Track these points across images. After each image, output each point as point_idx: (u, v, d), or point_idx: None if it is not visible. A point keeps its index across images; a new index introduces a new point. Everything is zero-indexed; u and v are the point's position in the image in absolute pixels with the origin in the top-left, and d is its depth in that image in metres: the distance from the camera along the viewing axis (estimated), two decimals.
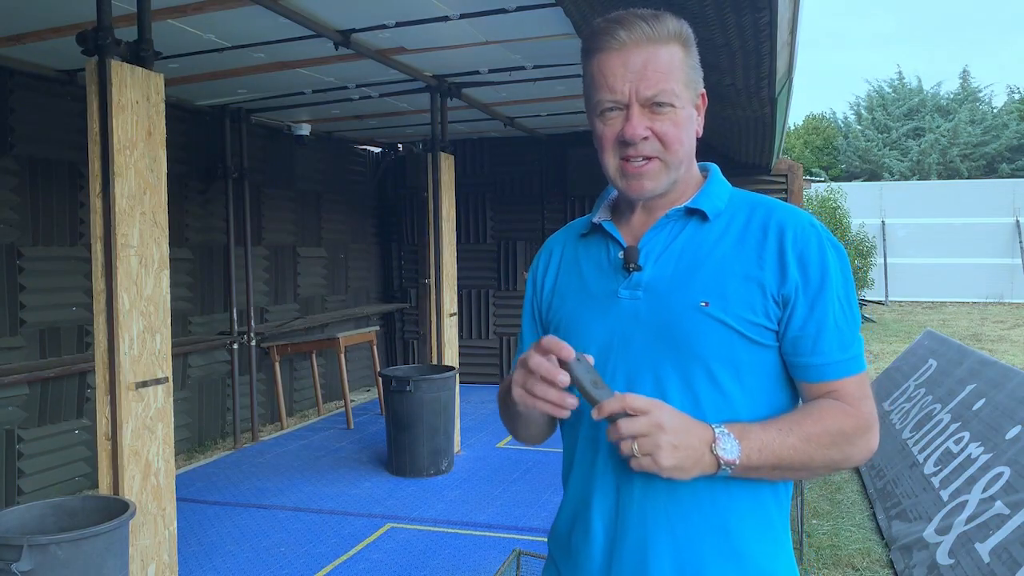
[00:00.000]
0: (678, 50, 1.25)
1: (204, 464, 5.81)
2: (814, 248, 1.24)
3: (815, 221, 1.28)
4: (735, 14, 3.19)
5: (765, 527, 1.26)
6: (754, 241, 1.25)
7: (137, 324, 3.03)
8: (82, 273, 5.20)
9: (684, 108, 1.25)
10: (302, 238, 7.71)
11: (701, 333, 1.22)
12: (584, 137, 8.23)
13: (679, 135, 1.25)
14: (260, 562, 4.01)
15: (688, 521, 1.22)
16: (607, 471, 1.27)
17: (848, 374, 1.25)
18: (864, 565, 3.94)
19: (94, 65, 2.96)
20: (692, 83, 1.27)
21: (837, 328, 1.23)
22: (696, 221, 1.29)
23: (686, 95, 1.25)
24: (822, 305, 1.23)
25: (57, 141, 5.14)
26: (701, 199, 1.30)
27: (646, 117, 1.23)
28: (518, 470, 5.51)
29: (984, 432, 4.40)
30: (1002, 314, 15.86)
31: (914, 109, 26.17)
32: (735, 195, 1.33)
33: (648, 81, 1.22)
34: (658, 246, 1.29)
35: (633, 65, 1.22)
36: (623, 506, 1.25)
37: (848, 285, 1.27)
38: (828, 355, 1.24)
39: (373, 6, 3.99)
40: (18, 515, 2.83)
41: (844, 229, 14.86)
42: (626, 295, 1.28)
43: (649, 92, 1.22)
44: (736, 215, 1.29)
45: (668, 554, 1.22)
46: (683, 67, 1.25)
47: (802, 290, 1.23)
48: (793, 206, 1.31)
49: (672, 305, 1.24)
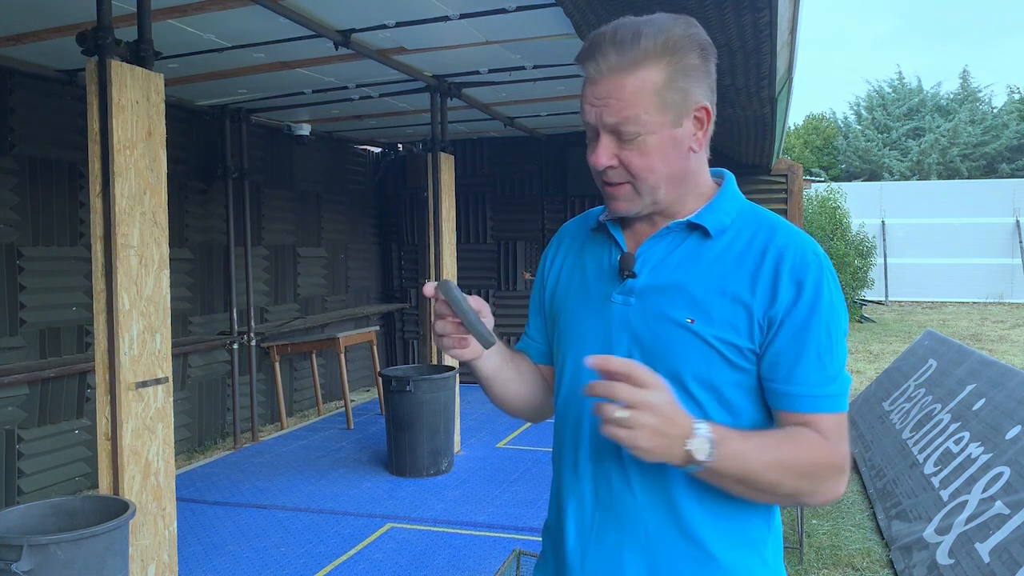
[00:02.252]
0: (656, 71, 1.19)
1: (204, 464, 5.81)
2: (811, 276, 1.20)
3: (819, 250, 1.25)
4: (735, 14, 3.19)
5: (746, 543, 1.25)
6: (751, 264, 1.22)
7: (137, 324, 3.03)
8: (82, 273, 5.20)
9: (656, 133, 1.21)
10: (302, 238, 7.71)
11: (682, 349, 1.22)
12: (584, 137, 8.21)
13: (648, 163, 1.22)
14: (260, 562, 4.01)
15: (660, 527, 1.24)
16: (586, 468, 1.30)
17: (824, 410, 1.21)
18: (864, 565, 3.94)
19: (94, 65, 2.96)
20: (673, 104, 1.21)
21: (819, 360, 1.20)
22: (698, 236, 1.27)
23: (660, 119, 1.20)
24: (806, 333, 1.19)
25: (57, 141, 5.14)
26: (705, 214, 1.27)
27: (614, 145, 1.23)
28: (518, 470, 5.51)
29: (984, 432, 4.40)
30: (1002, 314, 15.86)
31: (914, 109, 26.18)
32: (744, 210, 1.29)
33: (610, 110, 1.21)
34: (655, 256, 1.28)
35: (600, 94, 1.21)
36: (599, 502, 1.28)
37: (839, 321, 1.22)
38: (804, 386, 1.20)
39: (373, 6, 3.99)
40: (18, 515, 2.83)
41: (844, 229, 14.85)
42: (619, 300, 1.28)
43: (611, 121, 1.21)
44: (740, 233, 1.26)
45: (641, 556, 1.24)
46: (657, 91, 1.19)
47: (789, 314, 1.20)
48: (800, 231, 1.27)
49: (659, 317, 1.24)
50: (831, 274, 1.23)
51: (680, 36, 1.21)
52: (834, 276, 1.24)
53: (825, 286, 1.21)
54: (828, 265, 1.24)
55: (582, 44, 1.26)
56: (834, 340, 1.21)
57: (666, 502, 1.23)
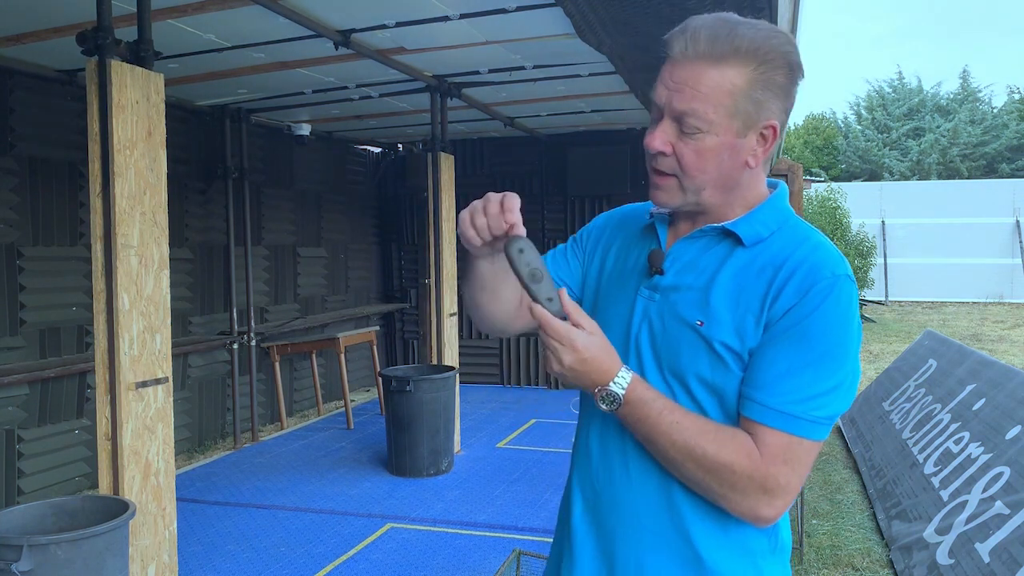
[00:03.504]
0: (739, 73, 1.16)
1: (204, 464, 5.81)
2: (817, 290, 1.15)
3: (840, 271, 1.18)
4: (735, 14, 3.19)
5: (742, 551, 1.24)
6: (769, 274, 1.20)
7: (137, 324, 3.03)
8: (82, 273, 5.20)
9: (718, 136, 1.18)
10: (302, 238, 7.71)
11: (688, 349, 1.22)
12: (584, 137, 8.25)
13: (700, 163, 1.20)
14: (260, 562, 4.01)
15: (655, 520, 1.25)
16: (596, 451, 1.33)
17: (773, 425, 1.15)
18: (864, 565, 3.94)
19: (94, 65, 2.96)
20: (744, 113, 1.18)
21: (792, 374, 1.15)
22: (731, 242, 1.25)
23: (726, 124, 1.18)
24: (787, 342, 1.16)
25: (57, 141, 5.14)
26: (742, 223, 1.25)
27: (673, 133, 1.21)
28: (518, 470, 5.51)
29: (984, 432, 4.40)
30: (1002, 314, 15.86)
31: (914, 109, 26.17)
32: (787, 224, 1.26)
33: (681, 96, 1.18)
34: (685, 256, 1.28)
35: (677, 76, 1.19)
36: (601, 488, 1.31)
37: (839, 345, 1.16)
38: (760, 392, 1.16)
39: (373, 6, 3.99)
40: (18, 515, 2.83)
41: (844, 229, 14.87)
42: (645, 294, 1.29)
43: (679, 107, 1.19)
44: (774, 246, 1.22)
45: (631, 546, 1.26)
46: (734, 94, 1.17)
47: (779, 320, 1.16)
48: (833, 252, 1.21)
49: (673, 316, 1.25)
50: (844, 296, 1.16)
51: (775, 48, 1.18)
52: (849, 300, 1.17)
53: (830, 304, 1.15)
54: (845, 288, 1.17)
55: (672, 30, 1.22)
56: (824, 360, 1.15)
57: (664, 497, 1.24)
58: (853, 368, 1.18)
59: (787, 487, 1.16)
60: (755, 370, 1.18)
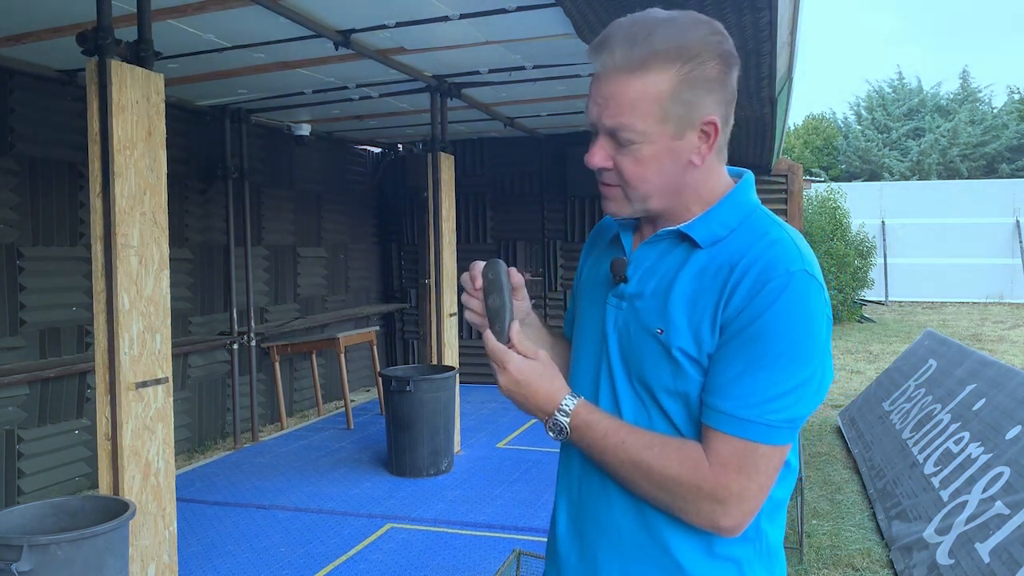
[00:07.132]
0: (663, 79, 1.13)
1: (204, 464, 5.81)
2: (769, 289, 1.11)
3: (797, 268, 1.13)
4: (735, 14, 3.19)
5: (723, 557, 1.21)
6: (724, 276, 1.15)
7: (137, 324, 3.03)
8: (82, 273, 5.20)
9: (654, 144, 1.16)
10: (302, 238, 7.71)
11: (651, 358, 1.20)
12: (584, 137, 8.20)
13: (641, 173, 1.18)
14: (260, 562, 4.01)
15: (633, 532, 1.24)
16: (576, 464, 1.32)
17: (723, 429, 1.12)
18: (864, 565, 3.94)
19: (94, 65, 2.96)
20: (676, 117, 1.15)
21: (745, 377, 1.11)
22: (688, 245, 1.22)
23: (659, 130, 1.15)
24: (740, 345, 1.12)
25: (57, 141, 5.14)
26: (697, 224, 1.21)
27: (611, 147, 1.19)
28: (518, 470, 5.51)
29: (984, 432, 4.40)
30: (1002, 314, 15.86)
31: (914, 109, 26.18)
32: (749, 219, 1.21)
33: (609, 112, 1.16)
34: (646, 261, 1.26)
35: (602, 92, 1.17)
36: (583, 500, 1.30)
37: (796, 345, 1.10)
38: (714, 398, 1.13)
39: (373, 6, 3.99)
40: (18, 515, 2.83)
41: (844, 229, 14.87)
42: (613, 303, 1.28)
43: (608, 124, 1.17)
44: (733, 244, 1.18)
45: (615, 558, 1.25)
46: (660, 100, 1.13)
47: (732, 322, 1.12)
48: (790, 247, 1.16)
49: (637, 324, 1.23)
50: (801, 293, 1.11)
51: (698, 42, 1.14)
52: (806, 296, 1.12)
53: (782, 302, 1.10)
54: (802, 284, 1.12)
55: (595, 38, 1.21)
56: (781, 361, 1.10)
57: (640, 512, 1.22)
58: (818, 368, 1.13)
59: (742, 495, 1.12)
60: (711, 375, 1.15)
